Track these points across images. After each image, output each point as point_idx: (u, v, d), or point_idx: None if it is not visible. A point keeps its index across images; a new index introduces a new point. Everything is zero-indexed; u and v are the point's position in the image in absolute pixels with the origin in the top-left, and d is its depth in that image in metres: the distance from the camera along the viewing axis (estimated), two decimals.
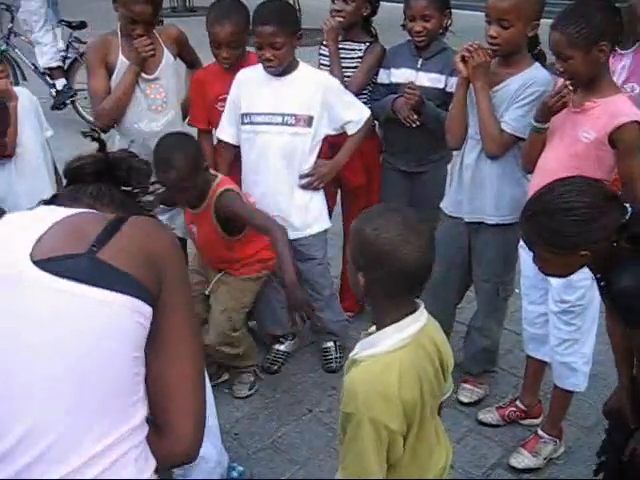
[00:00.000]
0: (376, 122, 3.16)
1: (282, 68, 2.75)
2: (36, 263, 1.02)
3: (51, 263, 1.03)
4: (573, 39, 2.12)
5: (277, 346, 3.19)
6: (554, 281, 2.40)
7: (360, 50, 3.11)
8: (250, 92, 2.83)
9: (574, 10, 2.20)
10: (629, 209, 1.64)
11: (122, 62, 2.87)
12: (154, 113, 2.96)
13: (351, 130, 2.87)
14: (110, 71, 2.88)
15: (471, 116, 2.59)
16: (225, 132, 2.94)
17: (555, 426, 2.59)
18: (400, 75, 3.00)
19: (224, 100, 2.93)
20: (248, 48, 3.00)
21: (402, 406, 1.44)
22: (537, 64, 2.52)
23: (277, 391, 3.01)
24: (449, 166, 3.02)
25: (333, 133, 2.89)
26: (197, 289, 2.83)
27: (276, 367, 3.14)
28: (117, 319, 1.04)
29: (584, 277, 2.33)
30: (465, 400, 2.87)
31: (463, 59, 2.47)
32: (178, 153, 2.47)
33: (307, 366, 3.17)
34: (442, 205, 2.83)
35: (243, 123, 2.85)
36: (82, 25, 6.36)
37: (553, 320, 2.45)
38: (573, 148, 2.25)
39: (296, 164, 2.84)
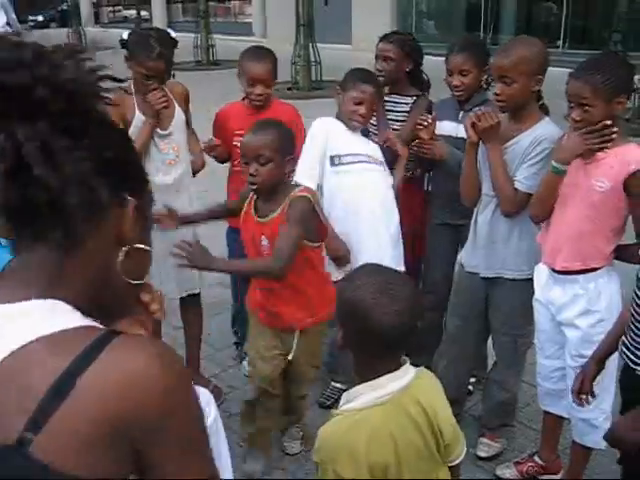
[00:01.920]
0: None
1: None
2: None
3: None
4: (598, 88, 2.15)
5: (335, 383, 3.22)
6: (571, 335, 2.39)
7: (407, 104, 3.23)
8: (336, 136, 2.91)
9: (599, 61, 2.25)
10: None
11: (138, 117, 2.97)
12: (167, 167, 3.06)
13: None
14: (127, 128, 2.90)
15: (484, 174, 2.62)
16: (305, 176, 2.82)
17: None
18: (442, 128, 3.04)
19: (239, 135, 2.99)
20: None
21: (368, 466, 1.44)
22: (547, 119, 2.55)
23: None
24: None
25: None
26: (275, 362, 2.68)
27: (329, 403, 3.16)
28: None
29: (601, 332, 2.32)
30: (483, 455, 2.83)
31: (473, 124, 2.51)
32: (278, 125, 2.53)
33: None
34: (460, 260, 2.85)
35: (338, 164, 2.91)
36: None
37: (571, 375, 2.42)
38: (589, 199, 2.26)
39: (388, 198, 2.97)
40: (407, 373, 1.53)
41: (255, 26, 21.62)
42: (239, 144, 2.95)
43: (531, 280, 2.59)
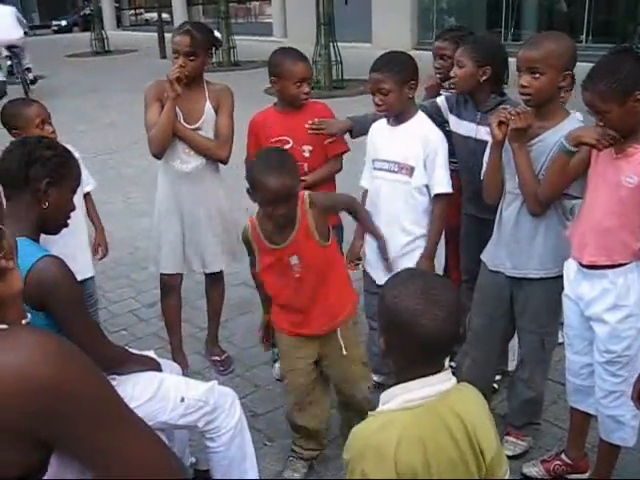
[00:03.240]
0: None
1: (393, 114, 2.88)
2: None
3: None
4: (605, 95, 2.12)
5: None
6: (599, 331, 2.36)
7: None
8: (375, 140, 3.03)
9: (601, 66, 2.19)
10: None
11: None
12: (186, 155, 3.22)
13: (432, 194, 2.92)
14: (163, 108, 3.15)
15: (508, 171, 2.58)
16: (363, 178, 3.15)
17: None
18: (462, 127, 3.03)
19: (278, 142, 3.18)
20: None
21: (395, 467, 1.42)
22: (572, 115, 2.51)
23: None
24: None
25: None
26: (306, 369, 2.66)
27: None
28: None
29: (630, 327, 2.30)
30: (509, 453, 2.79)
31: (500, 123, 2.47)
32: (287, 159, 2.43)
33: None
34: (482, 257, 2.83)
35: (373, 168, 3.02)
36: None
37: (599, 371, 2.40)
38: (617, 194, 2.23)
39: (399, 211, 2.92)
40: (444, 381, 1.51)
41: (275, 26, 21.70)
42: None
43: (557, 278, 2.57)
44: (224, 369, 3.56)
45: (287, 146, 3.16)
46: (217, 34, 3.35)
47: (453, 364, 3.22)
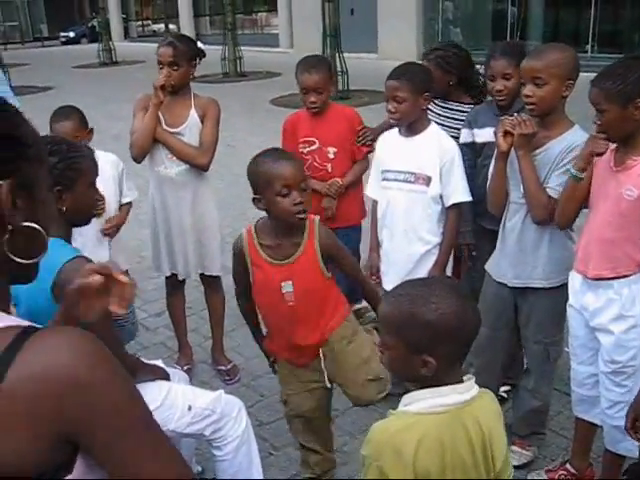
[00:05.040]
0: None
1: (405, 122, 2.90)
2: None
3: None
4: (609, 93, 2.15)
5: None
6: (605, 341, 2.37)
7: (463, 112, 3.28)
8: (385, 150, 3.05)
9: (613, 67, 2.23)
10: None
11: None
12: (169, 161, 3.33)
13: (446, 204, 2.93)
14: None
15: (512, 182, 2.60)
16: (369, 188, 3.17)
17: None
18: (485, 134, 3.03)
19: (305, 142, 3.40)
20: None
21: (414, 468, 1.43)
22: (577, 126, 2.53)
23: None
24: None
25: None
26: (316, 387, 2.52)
27: None
28: None
29: (635, 337, 2.31)
30: (514, 463, 2.77)
31: (506, 132, 2.49)
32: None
33: (354, 428, 3.16)
34: (487, 267, 2.84)
35: (383, 179, 3.03)
36: None
37: (604, 381, 2.41)
38: (617, 207, 2.25)
39: (416, 221, 2.93)
40: (470, 389, 1.52)
41: (281, 37, 21.81)
42: (305, 150, 3.36)
43: (561, 287, 2.58)
44: (230, 378, 3.59)
45: (313, 147, 3.36)
46: (200, 45, 3.44)
47: None
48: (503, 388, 3.21)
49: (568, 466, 2.70)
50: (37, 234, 0.97)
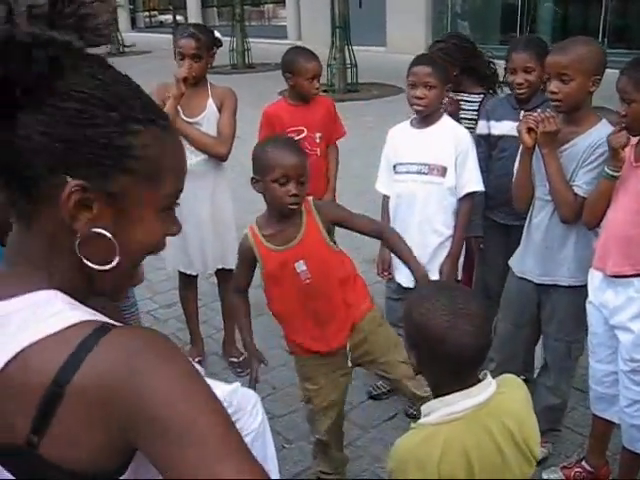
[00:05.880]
0: None
1: (429, 111, 2.88)
2: None
3: None
4: (636, 82, 2.12)
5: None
6: (624, 339, 2.34)
7: (474, 102, 3.29)
8: (398, 143, 3.05)
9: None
10: None
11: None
12: (188, 151, 3.25)
13: (460, 194, 2.93)
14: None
15: (538, 177, 2.57)
16: (379, 183, 3.17)
17: None
18: (502, 127, 3.02)
19: (292, 131, 3.43)
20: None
21: (439, 478, 1.42)
22: (603, 121, 2.49)
23: None
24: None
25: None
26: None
27: (376, 394, 3.29)
28: None
29: None
30: None
31: (529, 129, 2.46)
32: (296, 142, 2.53)
33: (366, 421, 3.14)
34: (510, 263, 2.81)
35: (395, 172, 3.02)
36: None
37: (623, 380, 2.38)
38: (637, 203, 2.22)
39: (431, 212, 2.93)
40: (485, 389, 1.49)
41: (289, 29, 21.73)
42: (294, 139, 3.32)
43: (585, 286, 2.56)
44: (242, 370, 3.57)
45: (302, 135, 3.46)
46: (217, 34, 3.44)
47: None
48: None
49: (584, 464, 2.69)
50: (108, 241, 0.88)
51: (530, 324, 2.79)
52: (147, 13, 32.88)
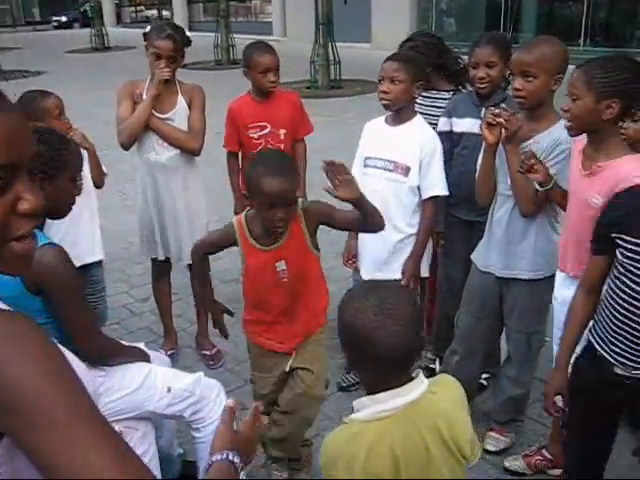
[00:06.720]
0: None
1: (395, 106, 2.90)
2: None
3: None
4: (591, 81, 2.13)
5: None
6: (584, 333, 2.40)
7: (444, 99, 3.28)
8: (370, 138, 3.08)
9: (606, 60, 2.20)
10: None
11: (145, 99, 3.30)
12: (160, 147, 3.37)
13: (423, 196, 2.95)
14: (136, 105, 3.32)
15: (500, 173, 2.62)
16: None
17: None
18: (463, 124, 3.06)
19: (255, 127, 3.48)
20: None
21: (365, 476, 1.45)
22: (563, 120, 2.55)
23: None
24: None
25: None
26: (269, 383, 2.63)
27: (346, 385, 3.35)
28: None
29: None
30: (491, 449, 2.86)
31: (489, 125, 2.51)
32: (288, 162, 2.44)
33: (336, 413, 3.20)
34: (473, 257, 2.87)
35: (364, 166, 3.05)
36: None
37: None
38: (586, 213, 2.23)
39: (391, 209, 2.92)
40: (415, 388, 1.51)
41: (275, 25, 21.73)
42: (256, 135, 3.43)
43: (545, 280, 2.62)
44: (214, 363, 3.62)
45: (265, 131, 3.46)
46: (187, 33, 3.46)
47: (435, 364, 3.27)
48: (483, 376, 3.25)
49: (544, 452, 2.75)
50: None
51: (492, 316, 2.84)
52: (133, 8, 32.75)
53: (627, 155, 2.17)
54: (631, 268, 1.88)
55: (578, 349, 2.19)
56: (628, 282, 1.90)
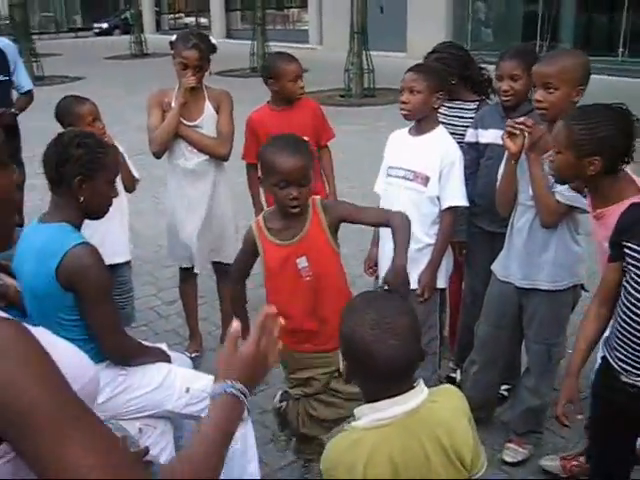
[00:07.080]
0: None
1: (414, 116, 2.92)
2: None
3: None
4: (569, 135, 2.12)
5: None
6: None
7: (469, 109, 3.30)
8: (393, 148, 3.10)
9: (591, 111, 2.15)
10: None
11: (174, 107, 3.37)
12: (190, 153, 3.44)
13: (442, 206, 2.93)
14: (165, 114, 3.40)
15: (521, 183, 2.63)
16: (377, 183, 3.16)
17: None
18: (489, 135, 3.07)
19: None
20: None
21: None
22: None
23: None
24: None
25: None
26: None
27: None
28: None
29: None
30: (509, 460, 2.85)
31: (510, 135, 2.52)
32: (302, 141, 2.43)
33: None
34: (493, 268, 2.87)
35: (387, 175, 3.07)
36: None
37: None
38: (601, 253, 2.22)
39: (411, 219, 2.86)
40: (414, 397, 1.51)
41: (311, 34, 21.85)
42: None
43: (565, 291, 2.61)
44: None
45: None
46: (213, 40, 3.54)
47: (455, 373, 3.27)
48: (503, 387, 3.24)
49: (581, 458, 2.71)
50: None
51: (511, 326, 2.84)
52: (172, 16, 33.22)
53: (628, 198, 2.11)
54: (633, 275, 1.90)
55: (598, 356, 2.19)
56: (630, 289, 1.93)
